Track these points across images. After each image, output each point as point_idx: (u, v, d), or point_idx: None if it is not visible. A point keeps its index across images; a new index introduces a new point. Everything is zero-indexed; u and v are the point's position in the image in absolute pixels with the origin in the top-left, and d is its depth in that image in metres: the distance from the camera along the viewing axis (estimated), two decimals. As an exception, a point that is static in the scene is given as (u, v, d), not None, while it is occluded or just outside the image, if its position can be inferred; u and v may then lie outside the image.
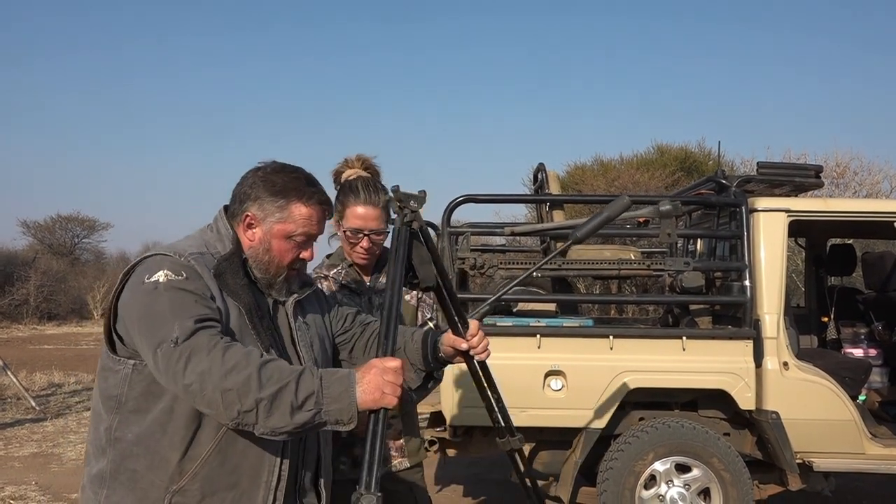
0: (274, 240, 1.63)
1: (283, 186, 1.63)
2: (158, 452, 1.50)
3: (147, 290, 1.47)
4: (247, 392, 1.37)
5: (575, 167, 18.44)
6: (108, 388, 1.54)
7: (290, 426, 1.39)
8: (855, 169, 17.16)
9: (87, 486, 1.58)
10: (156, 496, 1.50)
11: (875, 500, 4.99)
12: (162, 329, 1.42)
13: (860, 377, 4.20)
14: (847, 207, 4.12)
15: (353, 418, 1.41)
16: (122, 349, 1.54)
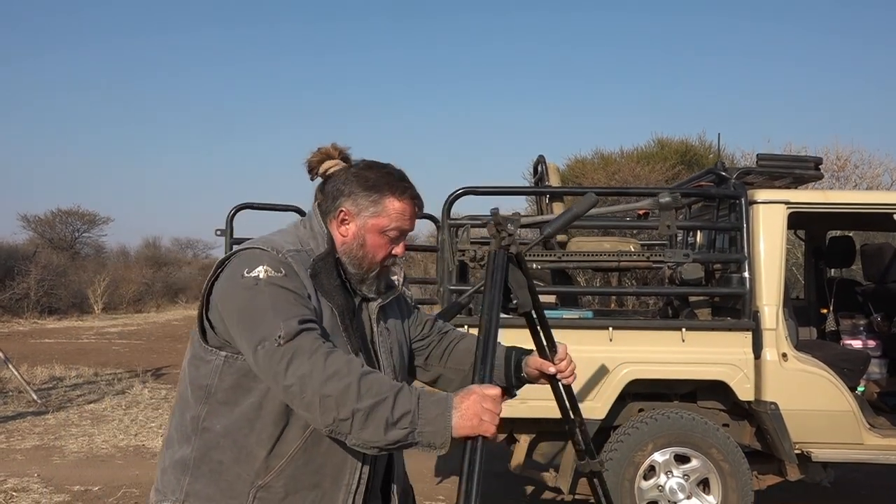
0: (368, 234, 1.64)
1: (377, 181, 1.64)
2: (245, 447, 1.52)
3: (247, 285, 1.48)
4: (345, 401, 1.37)
5: (575, 160, 18.43)
6: (199, 378, 1.55)
7: (382, 441, 1.39)
8: (856, 162, 17.16)
9: (169, 469, 1.59)
10: (241, 489, 1.51)
11: (873, 490, 5.02)
12: (264, 326, 1.43)
13: (859, 368, 4.21)
14: (846, 199, 4.12)
15: (446, 444, 1.40)
16: (213, 338, 1.55)
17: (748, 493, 3.86)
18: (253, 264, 1.50)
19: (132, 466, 5.42)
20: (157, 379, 9.48)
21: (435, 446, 1.39)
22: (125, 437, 6.32)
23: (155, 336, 15.36)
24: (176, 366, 10.71)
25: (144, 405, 7.66)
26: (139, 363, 10.69)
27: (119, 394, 8.28)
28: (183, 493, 1.54)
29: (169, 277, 27.62)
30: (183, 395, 1.59)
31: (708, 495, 3.89)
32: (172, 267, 29.61)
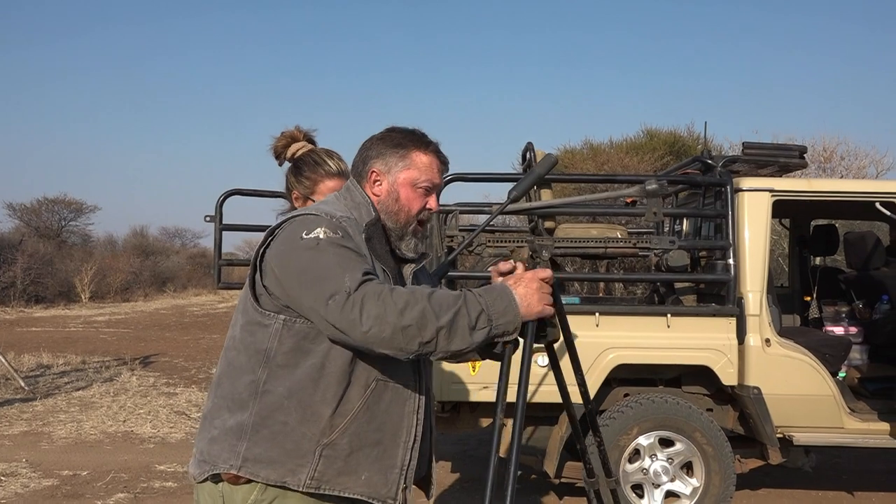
0: (401, 189, 1.70)
1: (402, 139, 1.73)
2: (311, 406, 1.55)
3: (308, 246, 1.51)
4: (425, 324, 1.45)
5: (565, 150, 18.47)
6: (256, 343, 1.57)
7: (469, 346, 1.50)
8: (842, 154, 17.30)
9: (220, 438, 1.58)
10: (307, 448, 1.55)
11: (854, 475, 5.10)
12: (331, 282, 1.47)
13: (840, 354, 4.28)
14: (830, 188, 4.18)
15: (518, 328, 1.56)
16: (269, 303, 1.58)
17: (731, 476, 3.93)
18: (311, 227, 1.54)
19: (121, 452, 5.43)
20: (145, 367, 9.47)
21: (510, 333, 1.55)
22: (113, 423, 6.32)
23: (143, 325, 15.29)
24: (163, 353, 10.70)
25: (133, 392, 7.66)
26: (127, 351, 10.66)
27: (107, 381, 8.26)
28: (239, 458, 1.54)
29: (157, 266, 27.46)
30: (234, 362, 1.60)
31: (691, 478, 3.96)
32: (160, 256, 29.42)
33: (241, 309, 1.63)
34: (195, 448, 1.65)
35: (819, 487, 4.79)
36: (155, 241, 32.40)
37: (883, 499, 4.61)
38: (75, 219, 29.35)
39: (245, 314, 1.61)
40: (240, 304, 1.65)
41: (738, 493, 4.43)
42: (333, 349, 1.55)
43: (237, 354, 1.60)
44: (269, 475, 1.54)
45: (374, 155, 1.73)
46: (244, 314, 1.62)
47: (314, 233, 1.52)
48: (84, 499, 4.37)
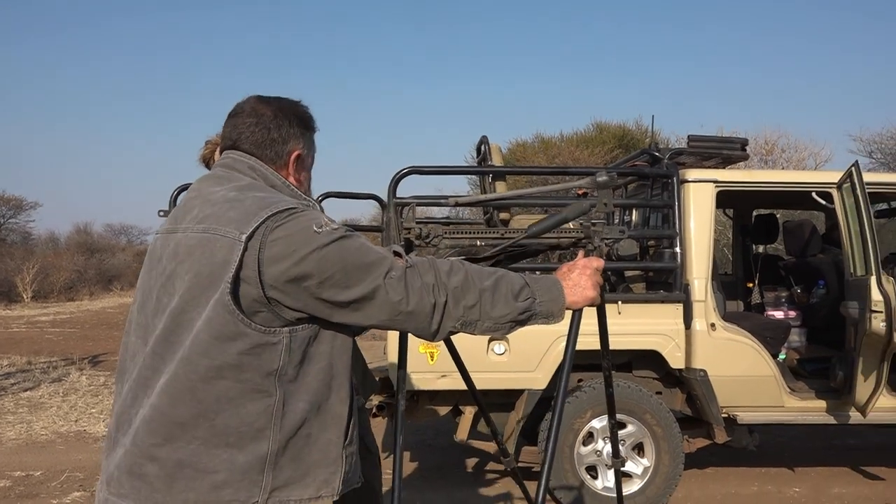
0: (309, 172, 1.62)
1: (308, 119, 1.59)
2: (330, 410, 1.45)
3: (331, 238, 1.36)
4: (469, 287, 1.43)
5: (516, 144, 18.68)
6: (264, 365, 1.37)
7: (512, 313, 1.46)
8: (782, 146, 17.93)
9: (233, 480, 1.37)
10: (335, 454, 1.45)
11: (795, 452, 5.36)
12: (379, 261, 1.39)
13: (780, 337, 4.50)
14: (769, 178, 4.38)
15: (563, 312, 1.53)
16: (272, 318, 1.38)
17: (679, 455, 4.10)
18: (315, 220, 1.39)
19: (74, 451, 5.35)
20: (94, 366, 9.27)
21: (553, 314, 1.51)
22: (65, 423, 6.21)
23: (90, 324, 14.92)
24: (113, 352, 10.47)
25: (83, 392, 7.51)
26: (74, 351, 10.40)
27: (55, 381, 8.08)
28: (267, 492, 1.38)
29: (102, 264, 26.76)
30: (227, 394, 1.37)
31: (642, 458, 4.12)
32: (106, 254, 28.68)
33: (216, 334, 1.35)
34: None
35: (763, 465, 5.02)
36: (100, 238, 31.61)
37: (822, 473, 4.85)
38: (15, 216, 28.42)
39: (230, 338, 1.36)
40: (192, 327, 1.37)
41: (687, 472, 4.62)
42: (336, 346, 1.46)
43: (231, 385, 1.36)
44: (302, 494, 1.41)
45: (294, 134, 1.54)
46: (229, 339, 1.36)
47: (325, 225, 1.38)
48: (39, 498, 4.30)
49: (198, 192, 1.50)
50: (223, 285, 1.33)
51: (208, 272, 1.35)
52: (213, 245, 1.36)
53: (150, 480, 1.37)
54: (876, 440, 5.58)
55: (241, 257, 1.33)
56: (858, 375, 3.92)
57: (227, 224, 1.37)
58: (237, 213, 1.38)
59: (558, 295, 1.52)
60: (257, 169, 1.51)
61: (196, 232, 1.41)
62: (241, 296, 1.35)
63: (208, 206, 1.44)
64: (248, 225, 1.35)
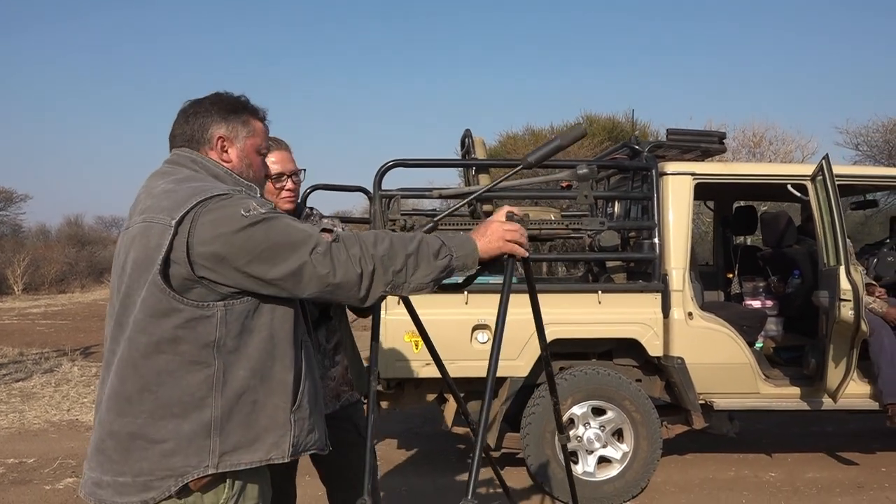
0: (251, 155, 1.69)
1: (236, 105, 1.69)
2: (275, 377, 1.55)
3: (255, 220, 1.47)
4: (395, 253, 1.58)
5: (507, 136, 18.76)
6: (200, 337, 1.48)
7: (433, 273, 1.63)
8: (770, 139, 18.05)
9: (181, 447, 1.47)
10: (283, 418, 1.55)
11: (773, 438, 5.49)
12: (304, 239, 1.50)
13: (757, 325, 4.62)
14: (745, 171, 4.50)
15: (476, 261, 1.72)
16: (205, 294, 1.48)
17: (657, 441, 4.22)
18: (243, 203, 1.49)
19: (67, 439, 5.44)
20: (86, 357, 9.34)
21: (468, 266, 1.71)
22: (57, 412, 6.29)
23: (81, 316, 14.97)
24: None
25: (75, 382, 7.59)
26: (66, 342, 10.46)
27: (47, 372, 8.15)
28: (216, 455, 1.48)
29: (93, 257, 26.74)
30: (167, 367, 1.48)
31: (622, 444, 4.24)
32: (97, 246, 28.65)
33: (150, 312, 1.47)
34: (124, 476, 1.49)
35: (741, 451, 5.15)
36: (91, 230, 31.57)
37: (797, 459, 4.99)
38: (5, 208, 28.31)
39: (164, 314, 1.46)
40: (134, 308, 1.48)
41: (666, 458, 4.75)
42: (276, 318, 1.56)
43: (170, 358, 1.47)
44: (252, 458, 1.51)
45: (214, 121, 1.65)
46: (163, 315, 1.47)
47: (252, 209, 1.48)
48: (32, 485, 4.39)
49: (145, 187, 1.63)
50: (155, 266, 1.45)
51: (144, 256, 1.47)
52: (150, 231, 1.49)
53: (109, 454, 1.50)
54: (852, 426, 5.73)
55: (172, 241, 1.45)
56: (829, 362, 4.05)
57: (160, 212, 1.49)
58: (170, 201, 1.50)
59: (472, 250, 1.70)
60: (199, 161, 1.63)
61: (138, 222, 1.54)
62: (172, 275, 1.46)
63: (150, 199, 1.56)
64: (179, 211, 1.47)
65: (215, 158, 1.65)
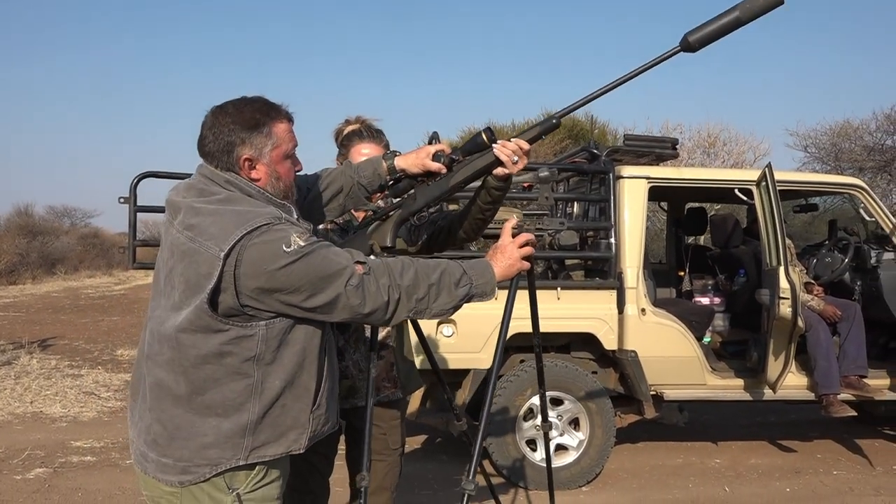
0: (278, 166, 1.74)
1: (258, 115, 1.71)
2: (301, 385, 1.71)
3: (296, 255, 1.58)
4: (418, 283, 1.71)
5: (469, 132, 18.97)
6: (243, 352, 1.64)
7: (453, 301, 1.76)
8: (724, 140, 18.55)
9: (219, 442, 1.64)
10: (304, 418, 1.72)
11: (719, 428, 5.82)
12: (339, 272, 1.62)
13: (704, 321, 4.90)
14: (696, 175, 4.75)
15: (494, 290, 1.82)
16: (245, 318, 1.62)
17: (611, 429, 4.47)
18: (284, 239, 1.59)
19: (32, 431, 5.46)
20: (44, 350, 9.25)
21: (486, 294, 1.81)
22: (20, 404, 6.28)
23: (35, 308, 14.70)
24: (62, 336, 10.43)
25: (35, 375, 7.54)
26: (22, 335, 10.31)
27: (6, 364, 8.07)
28: (247, 451, 1.66)
29: (45, 247, 26.10)
30: (213, 375, 1.63)
31: (578, 432, 4.48)
32: (49, 236, 27.92)
33: (198, 328, 1.61)
34: (166, 458, 1.66)
35: (689, 439, 5.45)
36: (42, 220, 30.69)
37: (741, 446, 5.31)
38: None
39: (212, 332, 1.61)
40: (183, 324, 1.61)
41: (620, 446, 5.01)
42: (308, 332, 1.70)
43: (216, 368, 1.63)
44: (276, 451, 1.69)
45: (237, 142, 1.69)
46: (211, 332, 1.61)
47: (293, 243, 1.58)
48: (2, 475, 4.43)
49: (185, 195, 1.71)
50: (204, 294, 1.58)
51: (195, 281, 1.60)
52: (199, 257, 1.60)
53: (155, 437, 1.69)
54: (792, 416, 6.09)
55: (221, 272, 1.57)
56: (770, 356, 4.34)
57: (208, 239, 1.60)
58: (217, 229, 1.60)
59: (490, 277, 1.82)
60: (233, 182, 1.70)
61: (185, 238, 1.64)
62: (220, 302, 1.60)
63: (192, 215, 1.65)
64: (226, 242, 1.57)
65: (245, 177, 1.72)
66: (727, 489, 4.43)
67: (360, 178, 2.02)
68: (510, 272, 1.86)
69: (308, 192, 2.02)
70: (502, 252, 1.86)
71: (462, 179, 1.96)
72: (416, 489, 4.33)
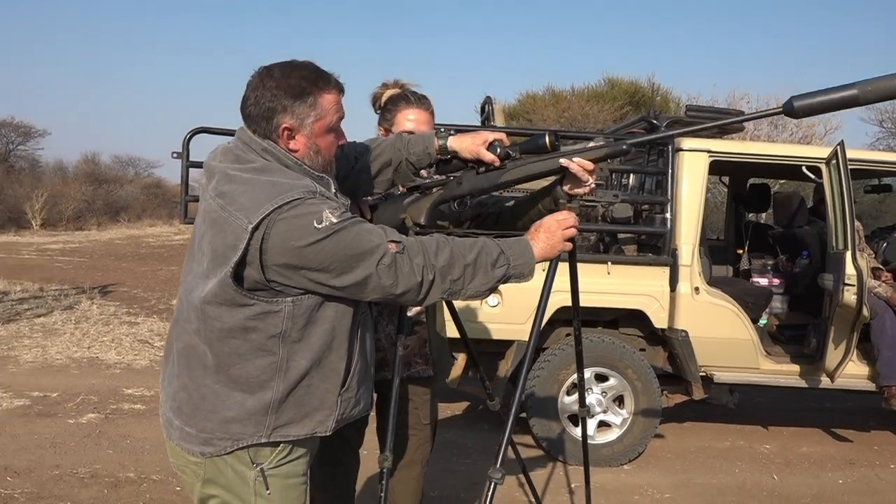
0: (319, 139, 1.65)
1: (304, 83, 1.61)
2: (329, 366, 1.65)
3: (328, 232, 1.51)
4: (454, 263, 1.62)
5: (527, 96, 18.64)
6: (268, 329, 1.58)
7: (490, 282, 1.67)
8: (794, 111, 17.75)
9: (242, 418, 1.61)
10: (331, 400, 1.66)
11: (770, 412, 5.64)
12: (371, 251, 1.54)
13: (761, 302, 4.72)
14: (762, 150, 4.53)
15: (532, 272, 1.72)
16: (274, 293, 1.56)
17: (657, 409, 4.36)
18: (316, 214, 1.51)
19: (88, 376, 5.66)
20: (104, 296, 9.58)
21: (524, 275, 1.70)
22: (78, 349, 6.51)
23: (98, 254, 15.24)
24: (122, 283, 10.79)
25: (94, 320, 7.81)
26: (84, 280, 10.70)
27: (67, 309, 8.39)
28: (270, 429, 1.62)
29: (110, 195, 26.99)
30: (238, 350, 1.59)
31: (622, 410, 4.39)
32: (113, 185, 28.85)
33: (223, 300, 1.56)
34: (190, 427, 1.64)
35: (739, 422, 5.30)
36: (107, 169, 31.69)
37: (792, 432, 5.14)
38: (24, 143, 28.56)
39: (237, 305, 1.57)
40: (208, 295, 1.57)
41: (665, 425, 4.91)
42: (339, 310, 1.63)
43: (240, 343, 1.59)
44: (299, 432, 1.64)
45: (279, 109, 1.60)
46: (235, 306, 1.56)
47: (325, 219, 1.51)
48: (56, 418, 4.61)
49: (221, 160, 1.66)
50: (229, 266, 1.52)
51: (222, 251, 1.54)
52: (226, 226, 1.54)
53: (180, 405, 1.66)
54: (850, 404, 5.85)
55: (247, 245, 1.50)
56: (830, 343, 4.15)
57: (238, 209, 1.53)
58: (247, 199, 1.53)
59: (530, 258, 1.71)
60: (269, 150, 1.62)
61: (216, 205, 1.58)
62: (245, 276, 1.54)
63: (225, 182, 1.60)
64: (255, 215, 1.50)
65: (283, 147, 1.63)
66: (775, 477, 4.29)
67: (409, 154, 1.92)
68: (551, 253, 1.76)
69: (356, 163, 1.93)
70: (546, 231, 1.75)
71: (514, 179, 1.85)
72: (455, 458, 4.33)
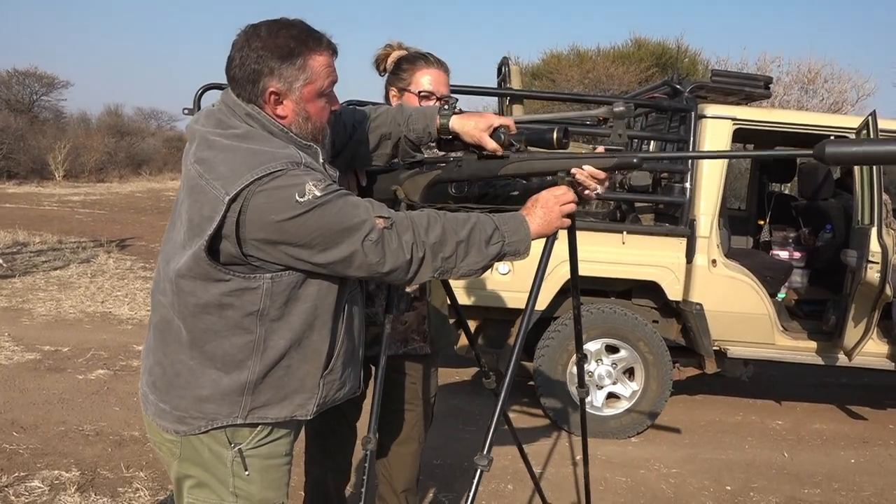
0: (308, 104, 1.54)
1: (293, 44, 1.49)
2: (310, 346, 1.57)
3: (310, 206, 1.41)
4: (446, 239, 1.53)
5: (550, 55, 18.24)
6: (245, 306, 1.50)
7: (484, 259, 1.58)
8: (825, 76, 17.26)
9: (216, 397, 1.53)
10: (312, 383, 1.59)
11: (784, 387, 5.55)
12: (357, 226, 1.45)
13: (780, 277, 4.59)
14: (787, 119, 4.34)
15: (528, 249, 1.63)
16: (252, 268, 1.48)
17: (667, 382, 4.29)
18: (298, 186, 1.42)
19: (100, 331, 5.69)
20: (121, 250, 9.63)
21: (520, 252, 1.62)
22: (92, 303, 6.55)
23: (118, 207, 15.32)
24: (140, 237, 10.84)
25: (110, 274, 7.86)
26: (103, 233, 10.76)
27: (84, 262, 8.44)
28: (245, 410, 1.55)
29: (132, 148, 27.05)
30: (213, 326, 1.51)
31: (632, 382, 4.32)
32: (135, 137, 28.89)
33: (197, 275, 1.48)
34: (164, 403, 1.57)
35: (751, 396, 5.22)
36: (130, 121, 31.74)
37: (806, 409, 5.05)
38: (47, 93, 28.61)
39: (211, 281, 1.48)
40: (182, 268, 1.48)
41: (677, 397, 4.84)
42: (322, 287, 1.55)
43: (215, 320, 1.51)
44: (277, 414, 1.57)
45: (265, 72, 1.48)
46: (210, 281, 1.48)
47: (307, 192, 1.41)
48: (66, 373, 4.64)
49: (203, 123, 1.56)
50: (203, 238, 1.43)
51: (197, 221, 1.45)
52: (203, 196, 1.44)
53: (155, 380, 1.60)
54: (866, 380, 5.74)
55: (223, 218, 1.41)
56: (849, 321, 4.03)
57: (217, 178, 1.44)
58: (226, 167, 1.44)
59: (525, 235, 1.62)
60: (253, 115, 1.52)
61: (194, 172, 1.49)
62: (221, 250, 1.45)
63: (205, 147, 1.50)
64: (234, 186, 1.41)
65: (269, 113, 1.52)
66: (786, 454, 4.22)
67: (409, 131, 1.79)
68: (548, 230, 1.65)
69: (354, 132, 1.81)
70: (543, 206, 1.64)
71: (514, 174, 1.76)
72: (461, 425, 4.30)
